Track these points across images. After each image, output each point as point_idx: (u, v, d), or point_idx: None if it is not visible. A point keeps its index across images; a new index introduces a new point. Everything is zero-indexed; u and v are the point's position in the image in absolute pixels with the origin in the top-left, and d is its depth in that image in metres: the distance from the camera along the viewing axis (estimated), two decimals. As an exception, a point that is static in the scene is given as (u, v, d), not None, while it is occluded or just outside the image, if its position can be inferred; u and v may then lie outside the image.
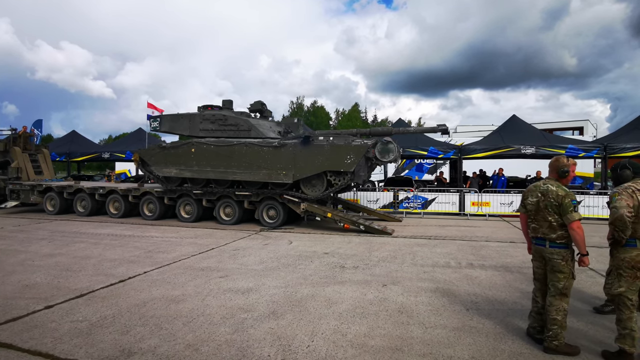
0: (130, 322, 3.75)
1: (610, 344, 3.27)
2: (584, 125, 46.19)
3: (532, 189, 3.41)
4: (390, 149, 9.37)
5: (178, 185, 11.20)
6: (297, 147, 9.75)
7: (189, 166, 10.69)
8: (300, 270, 5.78)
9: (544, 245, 3.27)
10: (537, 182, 3.45)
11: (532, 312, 3.44)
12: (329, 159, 9.49)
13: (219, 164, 10.36)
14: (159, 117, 11.73)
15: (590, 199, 12.39)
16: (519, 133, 14.57)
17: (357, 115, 53.12)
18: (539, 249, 3.33)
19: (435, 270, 5.86)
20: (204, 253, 6.93)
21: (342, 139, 9.79)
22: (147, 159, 11.39)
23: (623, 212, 2.95)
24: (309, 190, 9.95)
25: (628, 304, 3.00)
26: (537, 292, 3.42)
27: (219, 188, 10.71)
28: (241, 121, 10.60)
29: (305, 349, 3.21)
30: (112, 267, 5.90)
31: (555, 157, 3.40)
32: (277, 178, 9.85)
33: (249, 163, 10.06)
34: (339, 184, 9.58)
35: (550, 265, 3.23)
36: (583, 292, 4.83)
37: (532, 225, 3.37)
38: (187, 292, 4.67)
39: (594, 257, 6.70)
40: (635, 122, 14.42)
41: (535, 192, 3.34)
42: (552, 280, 3.23)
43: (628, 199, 2.99)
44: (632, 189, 3.05)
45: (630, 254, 3.00)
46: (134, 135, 21.17)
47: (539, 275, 3.40)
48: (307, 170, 9.69)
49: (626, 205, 2.97)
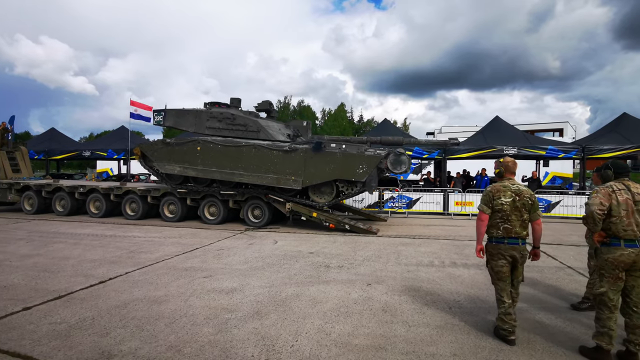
0: (110, 324, 3.68)
1: (587, 340, 3.36)
2: (564, 127, 47.37)
3: (501, 189, 3.43)
4: (402, 161, 9.17)
5: (180, 183, 10.84)
6: (308, 153, 9.45)
7: (194, 165, 10.30)
8: (285, 269, 5.77)
9: (517, 243, 3.36)
10: (498, 183, 3.52)
11: (501, 315, 3.40)
12: (340, 168, 9.24)
13: (225, 165, 10.00)
14: (163, 111, 11.20)
15: (568, 198, 12.71)
16: (501, 134, 14.85)
17: (343, 115, 53.25)
18: (511, 248, 3.37)
19: (419, 269, 5.92)
20: (187, 253, 6.84)
21: (354, 147, 9.48)
22: (149, 154, 10.93)
23: (594, 210, 3.00)
24: (318, 198, 9.78)
25: (609, 304, 3.02)
26: (502, 292, 3.44)
27: (202, 187, 10.51)
28: (250, 122, 10.27)
29: (289, 349, 3.21)
30: (92, 267, 5.78)
31: (508, 157, 3.58)
32: (286, 183, 9.58)
33: (257, 166, 9.75)
34: (348, 193, 9.43)
35: (521, 261, 3.41)
36: (561, 290, 4.95)
37: (504, 226, 3.37)
38: (170, 293, 4.61)
39: (572, 256, 6.89)
40: (613, 124, 14.88)
41: (507, 192, 3.39)
42: (518, 275, 3.47)
43: (603, 197, 3.03)
44: (612, 188, 3.06)
45: (614, 255, 3.01)
46: (117, 133, 20.76)
47: (504, 275, 3.42)
48: (317, 177, 9.44)
49: (599, 203, 3.01)
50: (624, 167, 3.17)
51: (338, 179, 9.40)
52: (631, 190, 3.02)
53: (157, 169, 10.89)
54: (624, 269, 2.98)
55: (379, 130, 17.44)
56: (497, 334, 3.46)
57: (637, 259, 2.94)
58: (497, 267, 3.43)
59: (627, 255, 2.95)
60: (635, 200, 2.98)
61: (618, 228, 3.00)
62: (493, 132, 15.25)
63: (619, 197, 3.00)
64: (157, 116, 11.27)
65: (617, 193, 3.02)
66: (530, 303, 4.41)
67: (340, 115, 52.87)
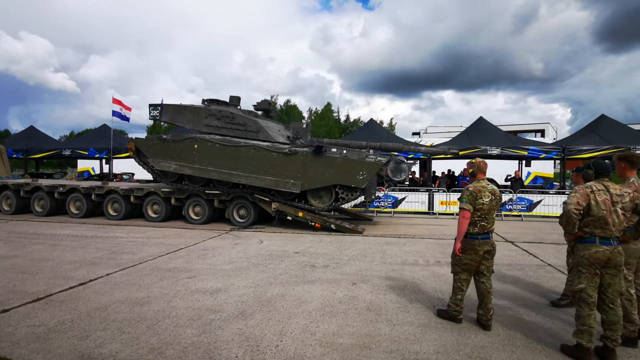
0: (90, 327, 3.60)
1: (565, 336, 3.45)
2: (545, 128, 48.47)
3: (481, 189, 3.66)
4: (402, 169, 9.16)
5: (175, 181, 10.63)
6: (308, 157, 9.34)
7: (190, 163, 10.07)
8: (270, 269, 5.74)
9: (489, 238, 3.69)
10: (476, 183, 3.76)
11: (457, 300, 3.77)
12: (340, 173, 9.16)
13: (223, 165, 9.81)
14: (159, 105, 10.93)
15: (549, 198, 13.01)
16: (485, 134, 15.11)
17: (330, 115, 53.30)
18: (484, 243, 3.66)
19: (404, 268, 5.97)
20: (171, 253, 6.74)
21: (355, 153, 9.37)
22: (143, 149, 10.64)
23: (570, 208, 3.05)
24: (316, 202, 9.69)
25: (588, 300, 3.08)
26: (464, 282, 3.77)
27: (192, 186, 10.32)
28: (250, 121, 10.08)
29: (273, 349, 3.19)
30: (72, 269, 5.64)
31: (479, 158, 3.90)
32: (285, 186, 9.46)
33: (256, 167, 9.60)
34: (347, 199, 9.38)
35: (492, 254, 3.72)
36: (542, 287, 5.06)
37: (481, 223, 3.63)
38: (153, 294, 4.53)
39: (552, 254, 7.06)
40: (592, 126, 15.29)
41: (486, 192, 3.66)
42: (489, 266, 3.74)
43: (581, 197, 3.07)
44: (591, 188, 3.10)
45: (589, 251, 3.06)
46: (98, 131, 20.33)
47: (472, 268, 3.72)
48: (316, 182, 9.35)
49: (576, 202, 3.06)
50: (605, 168, 3.21)
51: (337, 184, 9.31)
52: (610, 191, 3.08)
53: (152, 165, 10.60)
54: (599, 266, 3.06)
55: (365, 130, 17.54)
56: (445, 315, 3.87)
57: (611, 256, 3.02)
58: (467, 259, 3.70)
59: (602, 252, 3.02)
60: (613, 201, 3.05)
61: (595, 225, 3.06)
62: (477, 132, 15.51)
63: (597, 198, 3.05)
64: (153, 111, 10.98)
65: (596, 193, 3.06)
66: (511, 300, 4.50)
67: (327, 115, 52.90)
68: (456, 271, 3.81)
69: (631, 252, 3.40)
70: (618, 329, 3.04)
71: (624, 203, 3.05)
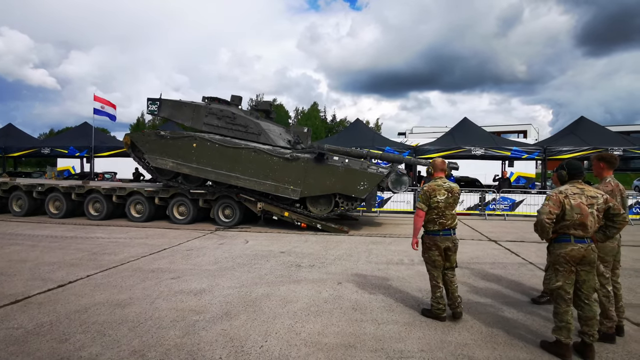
0: (70, 329, 3.51)
1: (545, 333, 3.52)
2: (528, 129, 49.52)
3: (436, 188, 3.84)
4: (403, 182, 9.18)
5: (170, 179, 10.37)
6: (310, 163, 9.24)
7: (188, 161, 9.81)
8: (255, 269, 5.70)
9: (450, 234, 3.86)
10: (432, 182, 3.94)
11: (437, 298, 3.83)
12: (341, 182, 9.11)
13: (221, 166, 9.61)
14: (158, 100, 10.58)
15: (531, 197, 13.30)
16: (469, 135, 15.34)
17: (316, 114, 53.32)
18: (445, 239, 3.83)
19: (389, 267, 6.01)
20: (155, 254, 6.64)
21: (357, 163, 9.29)
22: (139, 144, 10.27)
23: (543, 218, 3.12)
24: (315, 209, 9.60)
25: (565, 297, 3.15)
26: (438, 279, 3.88)
27: (188, 185, 10.13)
28: (251, 123, 9.89)
29: (258, 349, 3.17)
30: (51, 271, 5.49)
31: (437, 158, 4.10)
32: (284, 192, 9.35)
33: (255, 171, 9.45)
34: (346, 209, 9.32)
35: (454, 250, 3.89)
36: (523, 285, 5.16)
37: (440, 221, 3.82)
38: (135, 296, 4.45)
39: (533, 252, 7.20)
40: (571, 127, 15.70)
41: (441, 191, 3.83)
42: (451, 261, 3.90)
43: (553, 206, 3.13)
44: (565, 193, 3.15)
45: (565, 250, 3.13)
46: (79, 129, 19.85)
47: (439, 263, 3.86)
48: (316, 189, 9.28)
49: (548, 211, 3.12)
50: (578, 168, 3.28)
51: (338, 193, 9.26)
52: (585, 194, 3.15)
53: (148, 161, 10.32)
54: (575, 263, 3.14)
55: (351, 130, 17.61)
56: (429, 314, 3.92)
57: (585, 253, 3.10)
58: (434, 257, 3.86)
59: (577, 250, 3.10)
60: (588, 203, 3.12)
61: (569, 226, 3.12)
62: (462, 133, 15.74)
63: (572, 202, 3.10)
64: (152, 105, 10.66)
65: (571, 197, 3.12)
66: (494, 298, 4.57)
67: (313, 114, 52.92)
68: (428, 269, 3.96)
69: (608, 250, 3.50)
70: (594, 324, 3.12)
71: (599, 205, 3.12)
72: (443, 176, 3.99)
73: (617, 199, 3.56)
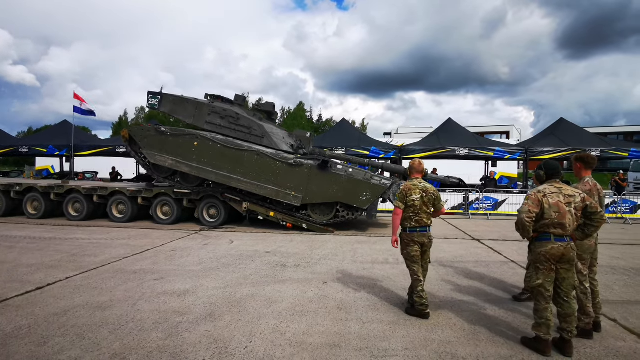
0: (49, 333, 3.42)
1: (526, 329, 3.59)
2: (510, 130, 50.48)
3: (412, 187, 4.07)
4: None
5: (167, 177, 10.11)
6: (313, 170, 9.12)
7: (187, 160, 9.54)
8: (240, 270, 5.66)
9: (426, 231, 4.05)
10: (409, 182, 4.17)
11: (419, 292, 3.93)
12: (344, 191, 9.04)
13: (222, 167, 9.38)
14: (159, 94, 10.27)
15: (513, 197, 13.56)
16: (454, 135, 15.55)
17: (302, 114, 53.24)
18: (422, 235, 4.02)
19: (375, 266, 6.05)
20: (137, 255, 6.51)
21: (361, 173, 9.27)
22: (138, 139, 9.95)
23: (523, 217, 3.20)
24: (316, 215, 9.50)
25: (545, 295, 3.23)
26: (418, 273, 4.01)
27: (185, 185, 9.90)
28: (255, 125, 9.67)
29: (242, 350, 3.14)
30: (29, 273, 5.34)
31: (415, 160, 4.31)
32: (286, 198, 9.21)
33: (257, 174, 9.25)
34: (347, 218, 9.27)
35: (429, 246, 4.09)
36: (505, 283, 5.26)
37: (416, 218, 4.01)
38: (116, 298, 4.36)
39: (515, 251, 7.35)
40: (552, 128, 16.08)
41: (416, 190, 4.04)
42: (427, 256, 4.12)
43: (532, 205, 3.21)
44: (543, 193, 3.24)
45: (545, 248, 3.21)
46: (58, 128, 19.32)
47: (417, 257, 4.03)
48: (318, 197, 9.19)
49: (527, 210, 3.20)
50: (555, 168, 3.38)
51: (340, 202, 9.21)
52: (563, 193, 3.24)
53: (145, 157, 10.03)
54: (555, 262, 3.21)
55: (337, 130, 17.62)
56: (413, 312, 3.99)
57: (565, 252, 3.18)
58: (412, 252, 4.03)
59: (557, 248, 3.18)
60: (566, 202, 3.20)
61: (548, 224, 3.20)
62: (446, 133, 15.93)
63: (550, 200, 3.19)
64: (152, 99, 10.35)
65: (549, 196, 3.21)
66: (477, 296, 4.64)
67: (299, 114, 52.80)
68: (407, 265, 4.11)
69: (585, 248, 3.59)
70: (573, 321, 3.20)
71: (576, 203, 3.21)
72: (420, 177, 4.21)
73: (595, 198, 3.66)
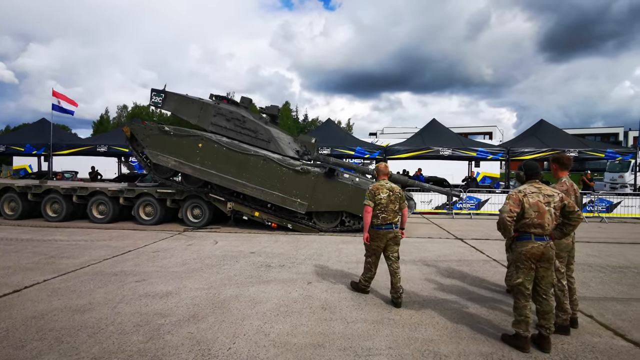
0: (26, 337, 3.32)
1: (506, 326, 3.67)
2: (493, 131, 51.41)
3: (379, 187, 4.44)
4: (410, 206, 9.29)
5: (168, 177, 9.88)
6: (320, 178, 9.03)
7: (191, 161, 9.32)
8: (224, 270, 5.61)
9: (391, 228, 4.38)
10: (377, 182, 4.55)
11: (367, 278, 4.62)
12: (350, 200, 8.95)
13: (227, 170, 9.17)
14: (163, 92, 9.98)
15: (495, 197, 13.82)
16: (438, 136, 15.74)
17: (288, 114, 53.11)
18: (388, 232, 4.37)
19: (359, 266, 6.04)
20: (118, 256, 6.39)
21: (367, 183, 9.16)
22: (140, 137, 9.70)
23: (504, 217, 3.27)
24: (321, 223, 9.42)
25: (525, 293, 3.29)
26: (373, 265, 4.55)
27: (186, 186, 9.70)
28: (261, 129, 9.50)
29: (226, 352, 3.11)
30: (5, 275, 5.18)
31: (382, 163, 4.70)
32: (291, 205, 9.07)
33: (263, 179, 9.08)
34: (352, 227, 9.23)
35: (395, 242, 4.42)
36: (486, 281, 5.35)
37: (382, 215, 4.36)
38: (96, 300, 4.26)
39: (497, 250, 7.48)
40: (532, 129, 16.45)
41: (384, 189, 4.42)
42: (393, 252, 4.43)
43: (513, 204, 3.28)
44: (523, 192, 3.31)
45: (526, 247, 3.27)
46: (36, 126, 18.79)
47: (379, 252, 4.47)
48: (324, 205, 9.11)
49: (508, 210, 3.27)
50: (534, 169, 3.47)
51: (345, 211, 9.18)
52: (542, 193, 3.32)
53: (147, 156, 9.79)
54: (535, 260, 3.29)
55: (323, 130, 17.65)
56: (357, 288, 4.72)
57: (545, 251, 3.26)
58: (374, 246, 4.45)
59: (537, 247, 3.26)
60: (545, 202, 3.29)
61: (529, 224, 3.28)
62: (430, 133, 16.12)
63: (530, 200, 3.27)
64: (156, 97, 10.09)
65: (529, 196, 3.29)
66: (459, 295, 4.71)
67: (285, 114, 52.64)
68: (366, 255, 4.58)
69: (563, 246, 3.69)
70: (551, 318, 3.29)
71: (555, 203, 3.29)
72: (386, 178, 4.59)
73: (572, 197, 3.76)
